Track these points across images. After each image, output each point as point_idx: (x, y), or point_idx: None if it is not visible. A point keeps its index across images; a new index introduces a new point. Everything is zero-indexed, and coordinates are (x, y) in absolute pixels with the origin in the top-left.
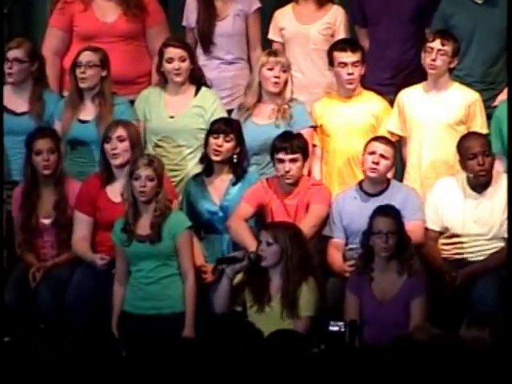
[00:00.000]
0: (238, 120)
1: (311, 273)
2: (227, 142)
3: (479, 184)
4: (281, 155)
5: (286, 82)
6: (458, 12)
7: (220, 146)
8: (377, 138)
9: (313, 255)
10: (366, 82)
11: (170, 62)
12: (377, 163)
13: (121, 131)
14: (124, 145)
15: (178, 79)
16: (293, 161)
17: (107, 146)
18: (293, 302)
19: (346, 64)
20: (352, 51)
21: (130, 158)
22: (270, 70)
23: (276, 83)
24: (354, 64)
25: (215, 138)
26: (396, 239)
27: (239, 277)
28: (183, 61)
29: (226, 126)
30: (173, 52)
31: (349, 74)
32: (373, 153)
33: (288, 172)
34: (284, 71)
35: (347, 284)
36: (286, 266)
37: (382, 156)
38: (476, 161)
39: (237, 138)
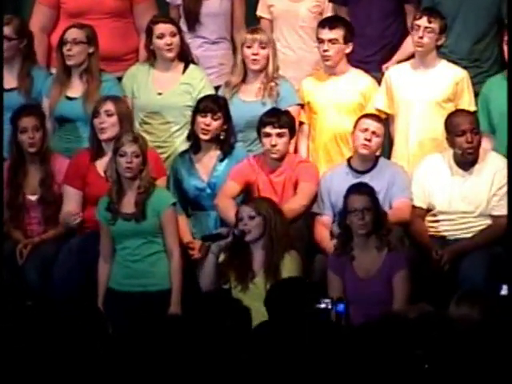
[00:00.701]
0: (224, 97)
1: (292, 245)
2: (215, 120)
3: (466, 161)
4: (268, 129)
5: (267, 59)
6: None
7: (208, 125)
8: (368, 116)
9: (303, 232)
10: (348, 60)
11: (161, 38)
12: (369, 140)
13: (109, 106)
14: (112, 119)
15: (170, 54)
16: (279, 135)
17: (95, 121)
18: (276, 272)
19: (322, 40)
20: (330, 28)
21: (118, 133)
22: (249, 47)
23: (254, 60)
24: (330, 41)
25: (203, 117)
26: (372, 216)
27: (224, 255)
28: (174, 36)
29: (214, 104)
30: (163, 27)
31: (324, 51)
32: (365, 130)
33: (274, 146)
34: (263, 48)
35: (328, 264)
36: (270, 237)
37: (373, 133)
38: (465, 138)
39: (224, 115)
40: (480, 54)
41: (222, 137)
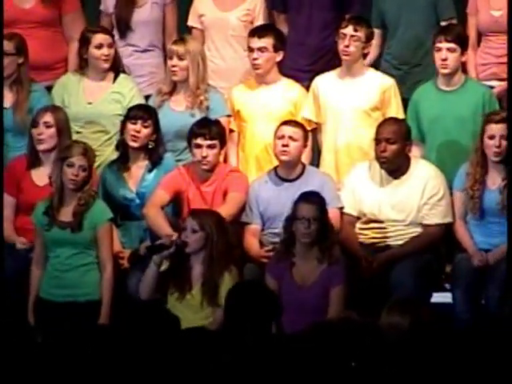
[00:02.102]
0: (154, 108)
1: (234, 262)
2: (145, 127)
3: (393, 170)
4: (199, 140)
5: (187, 70)
6: None
7: (138, 132)
8: (284, 123)
9: (236, 244)
10: (286, 69)
11: (99, 48)
12: (286, 145)
13: (48, 117)
14: (50, 131)
15: (106, 65)
16: (210, 147)
17: (34, 131)
18: (214, 289)
19: (252, 49)
20: (259, 37)
21: (56, 144)
22: (170, 58)
23: (172, 71)
24: (260, 49)
25: (133, 124)
26: (318, 226)
27: (165, 264)
28: (111, 47)
29: (144, 112)
30: (102, 38)
31: (253, 59)
32: (282, 137)
33: (205, 157)
34: (181, 59)
35: (267, 268)
36: (210, 253)
37: (290, 138)
38: (378, 147)
39: (154, 124)
40: (421, 59)
41: (150, 146)
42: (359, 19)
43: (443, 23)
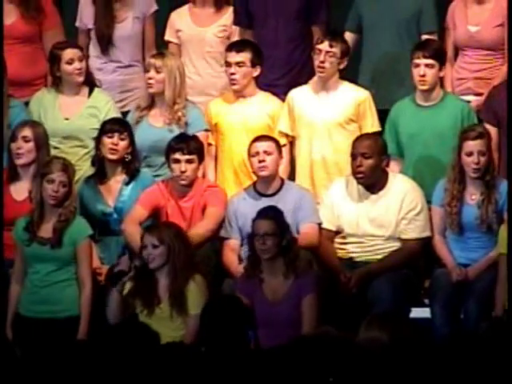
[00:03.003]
0: (126, 120)
1: (197, 269)
2: (122, 140)
3: (370, 185)
4: (177, 155)
5: (164, 83)
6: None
7: (116, 145)
8: (256, 139)
9: (210, 256)
10: (258, 83)
11: (70, 63)
12: (263, 160)
13: (26, 131)
14: (29, 145)
15: (80, 79)
16: (189, 162)
17: (13, 145)
18: (181, 300)
19: (229, 64)
20: (236, 51)
21: (34, 159)
22: (147, 71)
23: (148, 84)
24: (237, 64)
25: (110, 137)
26: (274, 241)
27: (129, 286)
28: (81, 60)
29: (120, 126)
30: (72, 53)
31: (231, 74)
32: (256, 153)
33: (184, 172)
34: (158, 72)
35: (237, 287)
36: (174, 265)
37: (265, 152)
38: (354, 162)
39: (129, 136)
40: (398, 68)
41: (126, 159)
42: (335, 34)
43: (424, 36)
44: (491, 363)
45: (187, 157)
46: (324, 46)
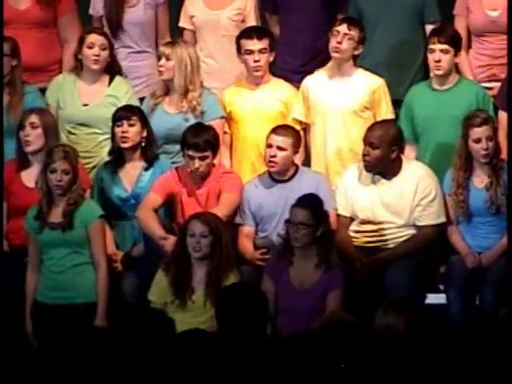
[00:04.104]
0: (138, 106)
1: (236, 263)
2: (131, 126)
3: (379, 173)
4: (191, 152)
5: (174, 70)
6: None
7: (125, 132)
8: (275, 130)
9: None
10: (278, 69)
11: (90, 48)
12: (274, 156)
13: (34, 118)
14: (37, 132)
15: (95, 66)
16: (202, 158)
17: (21, 133)
18: (218, 290)
19: (252, 51)
20: (258, 38)
21: (43, 145)
22: (159, 59)
23: (159, 71)
24: (260, 51)
25: (119, 126)
26: (308, 231)
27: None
28: (104, 49)
29: (127, 112)
30: (94, 38)
31: (255, 61)
32: (270, 146)
33: (198, 168)
34: (168, 59)
35: (265, 268)
36: (220, 255)
37: (278, 148)
38: (363, 150)
39: (141, 121)
40: (402, 60)
41: (143, 144)
42: (353, 20)
43: (429, 26)
44: (508, 349)
45: (200, 154)
46: (342, 28)
